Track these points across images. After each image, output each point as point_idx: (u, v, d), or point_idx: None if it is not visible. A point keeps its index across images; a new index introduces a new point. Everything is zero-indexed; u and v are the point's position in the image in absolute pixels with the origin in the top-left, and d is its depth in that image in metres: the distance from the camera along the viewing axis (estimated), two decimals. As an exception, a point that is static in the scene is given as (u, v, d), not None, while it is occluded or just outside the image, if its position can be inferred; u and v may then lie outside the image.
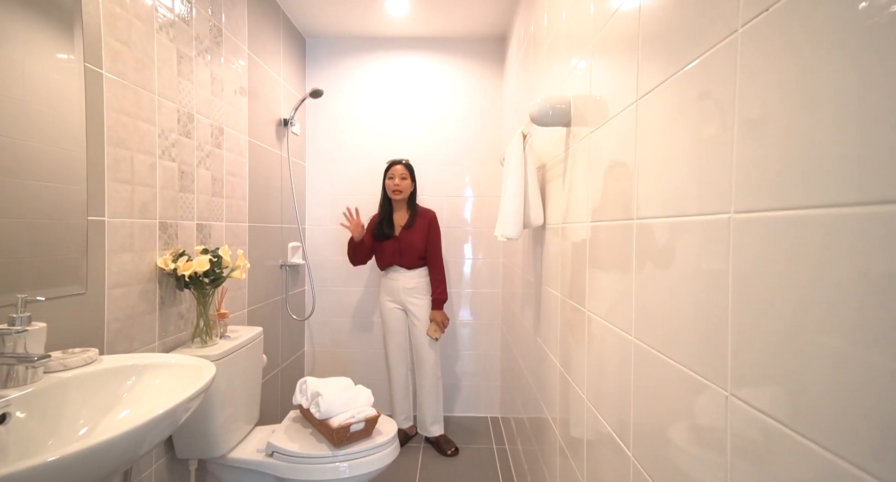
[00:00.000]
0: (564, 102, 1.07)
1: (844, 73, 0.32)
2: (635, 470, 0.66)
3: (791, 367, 0.36)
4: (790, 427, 0.36)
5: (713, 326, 0.47)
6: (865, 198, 0.30)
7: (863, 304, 0.30)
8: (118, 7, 1.12)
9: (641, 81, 0.66)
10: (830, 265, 0.33)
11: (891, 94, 0.28)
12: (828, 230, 0.33)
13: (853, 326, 0.31)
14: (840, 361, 0.32)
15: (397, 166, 2.19)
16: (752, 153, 0.42)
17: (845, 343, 0.31)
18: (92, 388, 0.86)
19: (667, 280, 0.58)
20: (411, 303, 2.21)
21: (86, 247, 1.03)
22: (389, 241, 2.20)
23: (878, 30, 0.29)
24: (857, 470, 0.30)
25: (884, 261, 0.29)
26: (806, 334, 0.35)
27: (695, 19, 0.52)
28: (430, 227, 2.20)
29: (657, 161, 0.61)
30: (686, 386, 0.53)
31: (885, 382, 0.29)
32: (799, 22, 0.36)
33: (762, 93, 0.40)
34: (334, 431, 1.35)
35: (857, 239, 0.31)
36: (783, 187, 0.37)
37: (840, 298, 0.32)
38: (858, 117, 0.31)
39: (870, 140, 0.30)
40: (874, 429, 0.29)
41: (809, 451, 0.34)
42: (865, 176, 0.30)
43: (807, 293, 0.35)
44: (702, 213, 0.50)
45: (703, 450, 0.49)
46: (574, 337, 1.01)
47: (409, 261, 2.19)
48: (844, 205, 0.32)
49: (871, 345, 0.30)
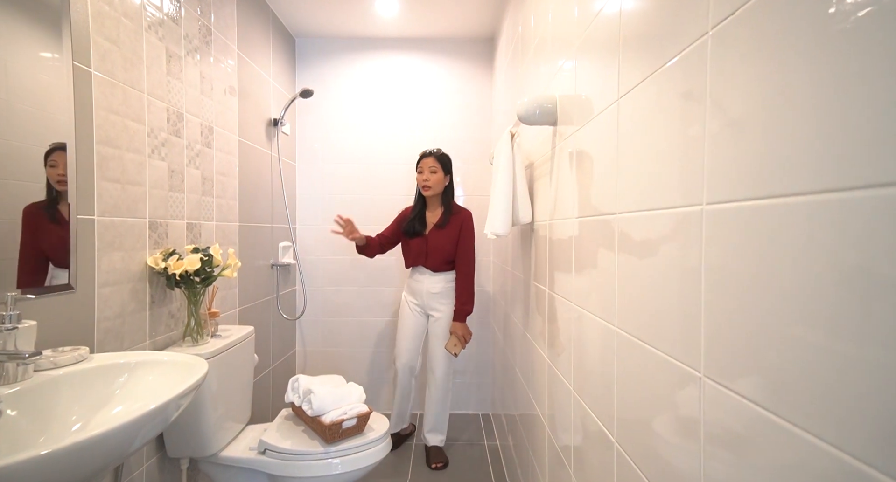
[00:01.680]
0: (551, 102, 1.09)
1: (802, 71, 0.34)
2: (619, 454, 0.68)
3: (762, 349, 0.39)
4: (763, 406, 0.39)
5: (689, 313, 0.50)
6: (830, 186, 0.32)
7: (816, 277, 0.33)
8: (106, 6, 1.12)
9: (622, 80, 0.69)
10: (791, 249, 0.35)
11: (847, 87, 0.31)
12: (789, 218, 0.35)
13: (814, 309, 0.33)
14: (800, 339, 0.34)
15: (427, 158, 1.97)
16: (723, 147, 0.44)
17: (807, 325, 0.34)
18: (83, 386, 0.87)
19: (646, 270, 0.60)
20: (435, 310, 2.04)
21: (75, 246, 1.03)
22: (417, 239, 2.02)
23: (821, 31, 0.32)
24: (798, 430, 0.33)
25: (831, 236, 0.31)
26: (770, 317, 0.37)
27: (670, 22, 0.54)
28: (462, 227, 1.98)
29: (636, 157, 0.64)
30: (663, 370, 0.55)
31: (842, 351, 0.31)
32: (760, 27, 0.38)
33: (731, 90, 0.43)
34: (326, 428, 1.36)
35: (812, 225, 0.33)
36: (751, 179, 0.40)
37: (803, 281, 0.34)
38: (820, 110, 0.33)
39: (830, 131, 0.32)
40: (820, 397, 0.32)
41: (777, 426, 0.37)
42: (828, 165, 0.32)
43: (771, 273, 0.37)
44: (676, 206, 0.53)
45: (679, 430, 0.51)
46: (560, 329, 1.03)
47: (435, 264, 2.00)
48: (808, 193, 0.34)
49: (830, 319, 0.32)
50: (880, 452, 0.28)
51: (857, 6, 0.30)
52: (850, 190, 0.30)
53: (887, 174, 0.27)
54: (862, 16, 0.29)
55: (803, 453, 0.34)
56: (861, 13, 0.29)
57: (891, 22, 0.28)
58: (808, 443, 0.33)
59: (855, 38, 0.30)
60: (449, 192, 2.03)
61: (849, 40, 0.30)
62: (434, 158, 1.96)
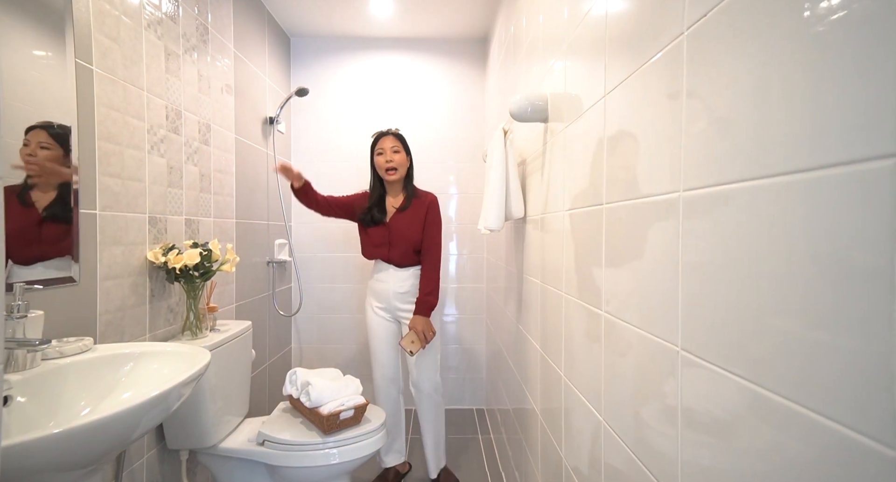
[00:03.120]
0: (542, 99, 1.13)
1: (767, 66, 0.38)
2: (605, 431, 0.72)
3: (730, 324, 0.43)
4: (725, 368, 0.43)
5: (669, 293, 0.54)
6: (792, 167, 0.36)
7: (775, 256, 0.37)
8: (107, 4, 1.14)
9: (608, 78, 0.72)
10: (747, 227, 0.39)
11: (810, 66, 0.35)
12: (748, 202, 0.39)
13: (779, 286, 0.37)
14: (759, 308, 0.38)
15: (386, 137, 1.74)
16: (697, 138, 0.48)
17: (769, 298, 0.38)
18: (90, 374, 0.89)
19: (631, 257, 0.64)
20: (404, 312, 1.76)
21: (78, 239, 1.05)
22: (377, 227, 1.76)
23: (778, 29, 0.36)
24: (756, 387, 0.37)
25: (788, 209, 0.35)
26: (735, 291, 0.41)
27: (650, 24, 0.58)
28: (428, 211, 1.74)
29: (620, 149, 0.68)
30: (645, 346, 0.59)
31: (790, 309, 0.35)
32: (729, 28, 0.42)
33: (705, 86, 0.47)
34: (324, 419, 1.39)
35: (769, 205, 0.37)
36: (721, 166, 0.44)
37: (769, 259, 0.38)
38: (778, 99, 0.37)
39: (793, 119, 0.36)
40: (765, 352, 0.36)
41: (741, 386, 0.41)
42: (795, 150, 0.36)
43: (739, 248, 0.41)
44: (654, 194, 0.57)
45: (658, 400, 0.55)
46: (551, 318, 1.07)
47: (400, 256, 1.74)
48: (771, 176, 0.38)
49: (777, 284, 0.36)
50: (808, 394, 0.32)
51: (812, 16, 0.34)
52: (805, 171, 0.34)
53: (849, 153, 0.31)
54: (810, 17, 0.33)
55: (756, 404, 0.38)
56: (808, 14, 0.33)
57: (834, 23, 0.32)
58: (758, 394, 0.37)
59: (806, 38, 0.34)
60: (410, 174, 1.81)
61: (800, 39, 0.34)
62: (394, 137, 1.75)
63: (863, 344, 0.29)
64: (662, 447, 0.55)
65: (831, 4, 0.32)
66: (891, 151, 0.27)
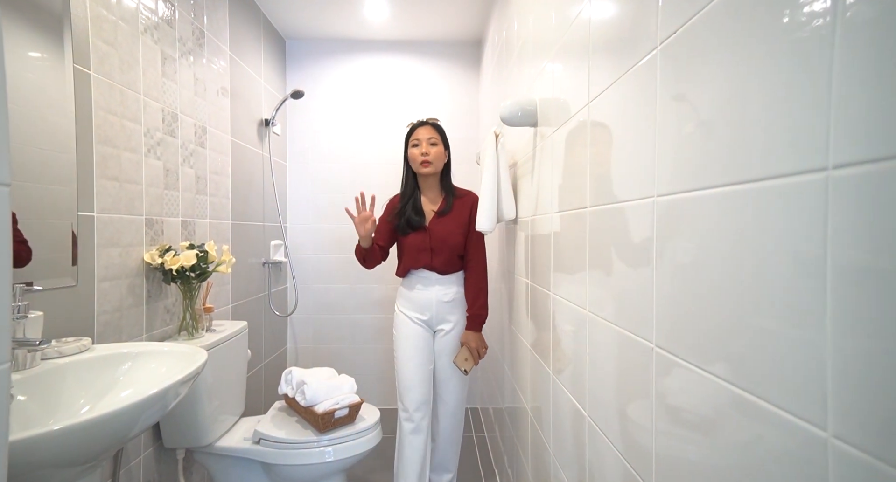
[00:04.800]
0: (532, 104, 1.16)
1: (734, 77, 0.41)
2: (590, 426, 0.75)
3: (694, 323, 0.45)
4: (691, 362, 0.46)
5: (644, 293, 0.56)
6: (758, 175, 0.39)
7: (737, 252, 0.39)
8: (104, 9, 1.16)
9: (591, 87, 0.75)
10: (716, 233, 0.42)
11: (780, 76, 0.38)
12: (710, 208, 0.42)
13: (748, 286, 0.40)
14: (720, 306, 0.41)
15: (423, 127, 1.57)
16: (670, 145, 0.51)
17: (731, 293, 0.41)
18: (88, 373, 0.91)
19: (612, 258, 0.67)
20: (446, 322, 1.58)
21: (76, 241, 1.07)
22: (416, 233, 1.56)
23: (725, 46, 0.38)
24: (725, 382, 0.40)
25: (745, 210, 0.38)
26: (706, 288, 0.44)
27: (627, 38, 0.61)
28: (472, 212, 1.54)
29: (602, 155, 0.70)
30: (624, 343, 0.62)
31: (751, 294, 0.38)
32: (697, 43, 0.45)
33: (676, 96, 0.49)
34: (319, 417, 1.41)
35: (734, 210, 0.40)
36: (691, 173, 0.47)
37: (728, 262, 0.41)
38: (730, 119, 0.40)
39: (754, 127, 0.39)
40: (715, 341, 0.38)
41: (705, 378, 0.43)
42: (762, 158, 0.39)
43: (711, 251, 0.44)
44: (630, 199, 0.59)
45: (635, 392, 0.58)
46: (540, 317, 1.10)
47: (444, 263, 1.54)
48: (736, 183, 0.41)
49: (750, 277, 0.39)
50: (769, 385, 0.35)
51: (765, 31, 0.36)
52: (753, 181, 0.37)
53: (788, 167, 0.34)
54: (760, 34, 0.36)
55: (713, 390, 0.40)
56: (759, 31, 0.36)
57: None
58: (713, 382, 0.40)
59: (759, 50, 0.37)
60: (447, 171, 1.64)
61: (754, 51, 0.37)
62: (432, 127, 1.58)
63: (803, 333, 0.32)
64: (641, 439, 0.58)
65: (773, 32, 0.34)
66: (815, 167, 0.30)
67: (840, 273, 0.29)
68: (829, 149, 0.30)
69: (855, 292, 0.28)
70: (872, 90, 0.27)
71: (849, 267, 0.29)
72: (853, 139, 0.28)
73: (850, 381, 0.29)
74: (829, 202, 0.30)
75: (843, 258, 0.29)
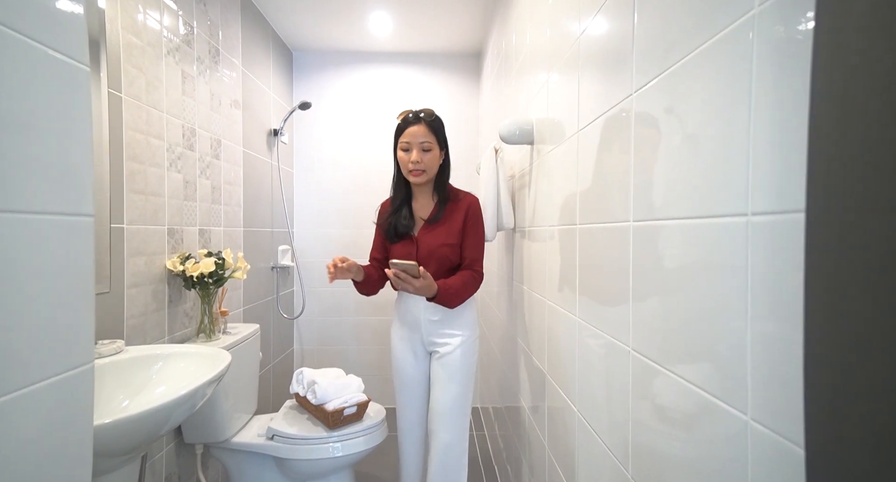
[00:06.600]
0: (529, 123, 1.25)
1: (707, 115, 0.50)
2: (580, 421, 0.84)
3: (666, 329, 0.55)
4: (661, 364, 0.55)
5: (622, 302, 0.66)
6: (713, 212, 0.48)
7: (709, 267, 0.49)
8: (134, 37, 1.25)
9: (581, 118, 0.84)
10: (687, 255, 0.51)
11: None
12: (668, 235, 0.51)
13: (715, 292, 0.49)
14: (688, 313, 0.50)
15: (416, 126, 1.33)
16: (642, 180, 0.60)
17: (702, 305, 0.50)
18: (124, 372, 1.00)
19: (598, 272, 0.76)
20: (438, 345, 1.39)
21: (109, 252, 1.16)
22: (403, 242, 1.39)
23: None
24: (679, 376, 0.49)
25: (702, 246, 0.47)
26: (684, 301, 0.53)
27: (608, 81, 0.70)
28: (467, 216, 1.37)
29: (589, 180, 0.80)
30: (605, 345, 0.71)
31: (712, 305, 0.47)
32: (666, 93, 0.54)
33: (649, 137, 0.59)
34: (329, 415, 1.50)
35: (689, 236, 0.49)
36: (661, 202, 0.56)
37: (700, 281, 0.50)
38: (674, 167, 0.49)
39: (715, 168, 0.48)
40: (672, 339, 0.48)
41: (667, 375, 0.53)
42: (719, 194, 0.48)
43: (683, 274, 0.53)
44: (611, 221, 0.69)
45: (615, 388, 0.67)
46: (535, 322, 1.19)
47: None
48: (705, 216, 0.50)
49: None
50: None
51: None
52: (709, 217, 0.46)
53: (720, 209, 0.43)
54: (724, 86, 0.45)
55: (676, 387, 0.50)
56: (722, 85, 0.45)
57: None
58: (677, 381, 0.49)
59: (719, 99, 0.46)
60: (444, 172, 1.41)
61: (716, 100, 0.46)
62: (426, 126, 1.34)
63: (738, 324, 0.41)
64: (624, 432, 0.67)
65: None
66: (735, 211, 0.39)
67: (757, 286, 0.39)
68: (749, 199, 0.39)
69: (768, 295, 0.37)
70: (776, 154, 0.37)
71: (763, 284, 0.38)
72: (764, 193, 0.38)
73: (766, 369, 0.38)
74: (748, 236, 0.39)
75: (758, 275, 0.38)
